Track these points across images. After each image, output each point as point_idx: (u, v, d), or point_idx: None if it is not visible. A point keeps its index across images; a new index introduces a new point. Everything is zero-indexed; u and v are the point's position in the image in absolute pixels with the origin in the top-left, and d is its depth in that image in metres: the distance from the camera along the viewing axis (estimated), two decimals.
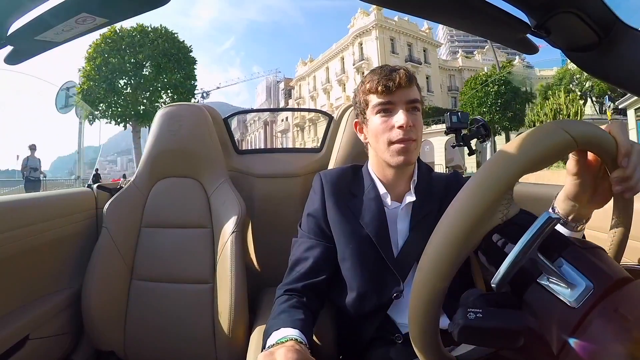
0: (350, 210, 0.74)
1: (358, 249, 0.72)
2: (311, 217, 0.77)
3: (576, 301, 0.29)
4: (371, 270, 0.71)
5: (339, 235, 0.74)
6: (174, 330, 0.99)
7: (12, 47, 0.36)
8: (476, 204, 0.31)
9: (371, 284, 0.71)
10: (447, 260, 0.31)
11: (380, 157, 0.72)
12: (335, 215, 0.74)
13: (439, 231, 0.33)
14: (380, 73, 0.69)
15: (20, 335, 0.84)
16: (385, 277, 0.70)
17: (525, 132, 0.33)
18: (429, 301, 0.33)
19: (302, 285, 0.70)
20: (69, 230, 1.03)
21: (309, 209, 0.79)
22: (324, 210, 0.76)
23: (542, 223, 0.30)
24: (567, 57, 0.45)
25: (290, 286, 0.70)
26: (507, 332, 0.32)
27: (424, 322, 0.34)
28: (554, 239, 0.32)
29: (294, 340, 0.54)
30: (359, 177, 0.79)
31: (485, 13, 0.37)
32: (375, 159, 0.75)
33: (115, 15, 0.34)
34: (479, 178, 0.32)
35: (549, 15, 0.37)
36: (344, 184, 0.78)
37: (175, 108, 1.16)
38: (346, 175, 0.79)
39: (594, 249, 0.34)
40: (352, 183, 0.78)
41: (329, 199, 0.76)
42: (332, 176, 0.79)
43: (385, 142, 0.69)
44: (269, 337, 0.58)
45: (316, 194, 0.79)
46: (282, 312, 0.64)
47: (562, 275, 0.30)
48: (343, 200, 0.76)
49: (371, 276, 0.71)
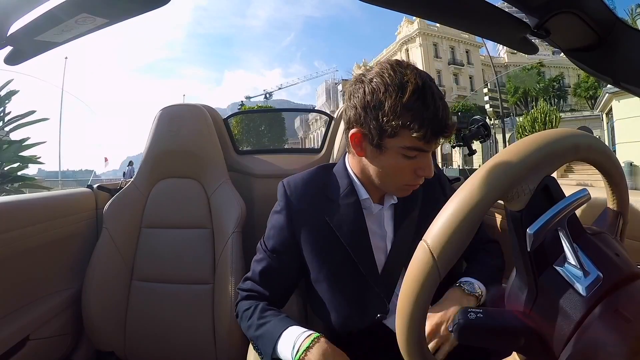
0: (325, 218, 0.65)
1: (335, 270, 0.65)
2: (274, 235, 0.68)
3: (586, 290, 0.29)
4: (351, 291, 0.65)
5: (313, 254, 0.66)
6: (174, 330, 0.99)
7: (12, 48, 0.36)
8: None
9: (353, 305, 0.65)
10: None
11: (382, 187, 0.63)
12: (307, 230, 0.65)
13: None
14: (433, 118, 0.54)
15: (20, 336, 0.84)
16: (367, 297, 0.65)
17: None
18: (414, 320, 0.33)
19: (257, 297, 0.68)
20: (69, 230, 1.03)
21: (272, 224, 0.69)
22: (291, 226, 0.66)
23: (580, 195, 0.31)
24: (568, 57, 0.45)
25: (246, 293, 0.69)
26: (507, 332, 0.32)
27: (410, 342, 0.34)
28: (572, 224, 0.32)
29: (321, 335, 0.55)
30: (333, 178, 0.68)
31: (485, 13, 0.37)
32: (362, 168, 0.64)
33: (116, 16, 0.34)
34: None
35: (549, 15, 0.37)
36: (316, 189, 0.67)
37: (175, 108, 1.15)
38: (317, 178, 0.69)
39: (602, 235, 0.34)
40: (326, 185, 0.68)
41: (298, 212, 0.66)
42: (298, 183, 0.68)
43: (400, 183, 0.60)
44: (278, 339, 0.57)
45: (280, 207, 0.68)
46: (269, 316, 0.62)
47: (578, 259, 0.30)
48: (316, 208, 0.66)
49: (352, 297, 0.65)
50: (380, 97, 0.55)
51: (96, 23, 0.34)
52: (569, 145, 0.34)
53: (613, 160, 0.39)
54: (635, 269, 0.31)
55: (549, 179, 0.33)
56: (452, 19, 0.40)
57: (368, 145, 0.59)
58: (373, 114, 0.56)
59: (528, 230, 0.30)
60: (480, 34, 0.46)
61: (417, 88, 0.54)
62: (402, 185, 0.61)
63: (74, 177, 12.83)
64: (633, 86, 0.40)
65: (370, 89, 0.56)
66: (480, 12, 0.37)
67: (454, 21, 0.41)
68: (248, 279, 0.71)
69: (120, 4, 0.34)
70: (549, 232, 0.30)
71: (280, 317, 0.62)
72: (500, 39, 0.45)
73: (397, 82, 0.54)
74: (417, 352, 0.34)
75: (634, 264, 0.32)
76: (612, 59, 0.40)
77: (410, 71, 0.56)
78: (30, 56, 0.38)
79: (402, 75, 0.55)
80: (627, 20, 0.39)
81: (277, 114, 28.88)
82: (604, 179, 0.40)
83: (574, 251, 0.31)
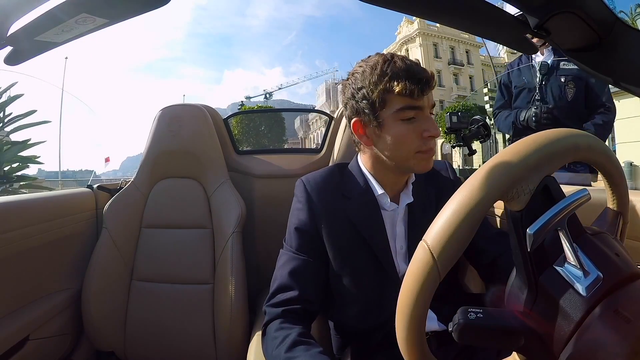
0: (345, 214, 0.66)
1: (358, 264, 0.65)
2: (299, 232, 0.68)
3: (586, 290, 0.29)
4: (372, 285, 0.66)
5: (335, 250, 0.66)
6: (174, 330, 0.99)
7: (12, 48, 0.36)
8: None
9: (373, 298, 0.66)
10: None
11: (399, 164, 0.63)
12: (328, 225, 0.66)
13: None
14: (407, 70, 0.58)
15: (20, 336, 0.84)
16: (387, 289, 0.65)
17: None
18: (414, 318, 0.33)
19: (298, 308, 0.63)
20: (69, 230, 1.03)
21: (295, 222, 0.69)
22: (314, 222, 0.67)
23: (580, 195, 0.31)
24: (568, 57, 0.45)
25: (279, 309, 0.63)
26: (507, 332, 0.32)
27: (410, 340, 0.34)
28: (572, 224, 0.32)
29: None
30: (348, 176, 0.70)
31: (485, 13, 0.37)
32: (374, 160, 0.66)
33: (116, 16, 0.34)
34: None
35: (549, 15, 0.37)
36: (333, 186, 0.69)
37: (175, 108, 1.15)
38: (333, 176, 0.71)
39: (602, 235, 0.34)
40: (342, 184, 0.69)
41: (319, 208, 0.67)
42: (317, 180, 0.70)
43: (411, 150, 0.61)
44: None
45: (302, 204, 0.69)
46: (295, 343, 0.56)
47: (578, 259, 0.30)
48: (335, 204, 0.67)
49: (372, 290, 0.66)
50: (359, 81, 0.63)
51: (96, 23, 0.34)
52: (569, 145, 0.34)
53: (613, 160, 0.39)
54: (635, 269, 0.31)
55: (549, 179, 0.33)
56: (452, 19, 0.40)
57: (369, 129, 0.63)
58: (359, 95, 0.62)
59: (528, 231, 0.30)
60: (480, 34, 0.46)
61: (385, 58, 0.62)
62: (414, 153, 0.61)
63: (74, 177, 12.86)
64: (633, 86, 0.40)
65: (352, 80, 0.64)
66: (480, 12, 0.37)
67: (454, 21, 0.41)
68: (275, 293, 0.66)
69: (120, 4, 0.34)
70: (549, 232, 0.30)
71: (312, 352, 0.55)
72: (500, 39, 0.45)
73: (370, 64, 0.62)
74: (417, 353, 0.34)
75: (634, 264, 0.32)
76: (612, 59, 0.40)
77: (377, 54, 0.64)
78: (30, 56, 0.38)
79: (371, 59, 0.63)
80: (627, 20, 0.39)
81: (277, 114, 28.88)
82: (604, 179, 0.40)
83: (574, 251, 0.31)
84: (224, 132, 1.29)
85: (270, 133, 29.48)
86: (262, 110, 23.78)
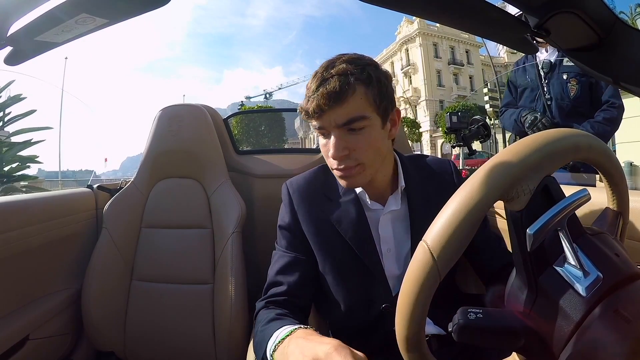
0: (327, 216, 0.66)
1: (339, 261, 0.66)
2: (284, 231, 0.70)
3: (586, 290, 0.29)
4: (356, 284, 0.65)
5: (317, 247, 0.67)
6: (174, 330, 0.99)
7: (12, 48, 0.36)
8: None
9: (358, 298, 0.65)
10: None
11: None
12: (310, 226, 0.67)
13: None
14: (314, 89, 0.56)
15: (20, 336, 0.84)
16: (374, 289, 0.65)
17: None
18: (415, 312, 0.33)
19: (282, 300, 0.64)
20: (69, 230, 1.03)
21: (280, 222, 0.71)
22: (296, 222, 0.68)
23: (580, 196, 0.31)
24: (568, 57, 0.45)
25: (266, 301, 0.65)
26: (507, 332, 0.32)
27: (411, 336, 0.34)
28: (572, 224, 0.32)
29: (303, 328, 0.50)
30: (332, 178, 0.68)
31: (485, 13, 0.37)
32: None
33: (116, 16, 0.34)
34: None
35: (549, 15, 0.37)
36: (316, 188, 0.70)
37: (175, 108, 1.15)
38: (317, 178, 0.71)
39: (602, 235, 0.34)
40: (325, 186, 0.69)
41: (300, 209, 0.68)
42: (300, 183, 0.71)
43: (331, 166, 0.62)
44: (266, 345, 0.52)
45: (285, 206, 0.71)
46: (271, 320, 0.58)
47: (578, 259, 0.30)
48: (316, 206, 0.68)
49: (356, 288, 0.65)
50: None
51: (96, 23, 0.34)
52: (569, 145, 0.34)
53: (613, 160, 0.39)
54: (635, 269, 0.31)
55: (549, 179, 0.33)
56: (452, 19, 0.40)
57: None
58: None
59: (528, 231, 0.30)
60: (480, 34, 0.46)
61: (315, 72, 0.58)
62: (333, 169, 0.61)
63: (74, 177, 12.87)
64: (633, 86, 0.40)
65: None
66: (480, 12, 0.37)
67: (454, 21, 0.41)
68: (266, 290, 0.68)
69: (120, 4, 0.34)
70: (548, 232, 0.30)
71: (283, 320, 0.57)
72: (500, 39, 0.45)
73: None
74: (416, 353, 0.34)
75: (634, 264, 0.32)
76: (612, 59, 0.40)
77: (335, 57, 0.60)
78: (30, 56, 0.38)
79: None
80: (627, 20, 0.39)
81: (277, 114, 28.85)
82: (604, 179, 0.40)
83: (574, 251, 0.31)
84: (224, 132, 1.29)
85: (270, 133, 29.46)
86: (262, 110, 23.75)
